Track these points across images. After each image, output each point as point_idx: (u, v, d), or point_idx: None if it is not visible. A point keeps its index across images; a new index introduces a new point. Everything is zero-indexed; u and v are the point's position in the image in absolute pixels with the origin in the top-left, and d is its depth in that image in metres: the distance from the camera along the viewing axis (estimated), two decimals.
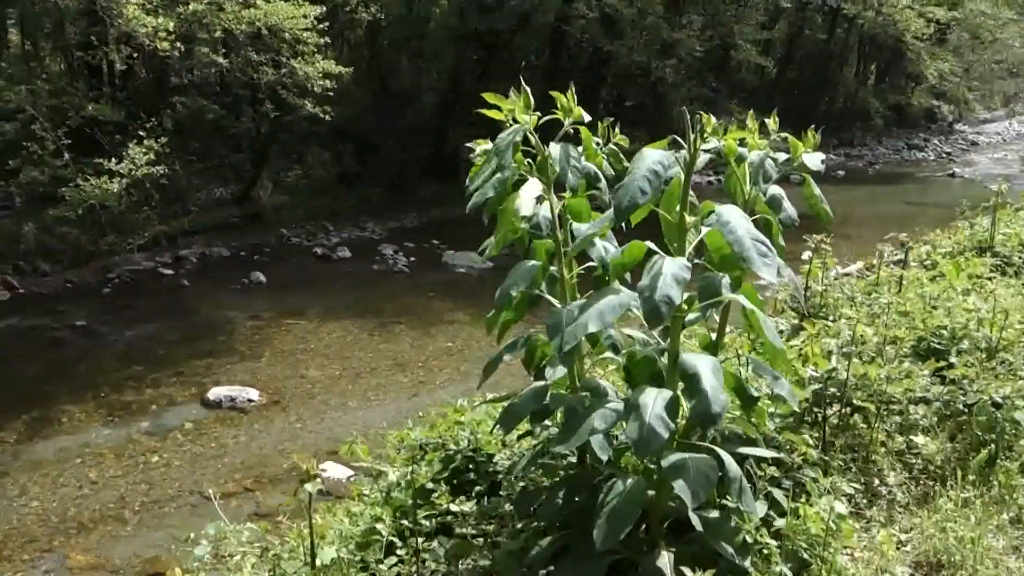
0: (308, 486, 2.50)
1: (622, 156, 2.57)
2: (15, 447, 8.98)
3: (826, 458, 3.62)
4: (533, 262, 2.46)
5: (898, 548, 3.33)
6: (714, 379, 2.06)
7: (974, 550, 3.29)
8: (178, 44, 11.56)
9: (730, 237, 2.18)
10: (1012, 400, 4.02)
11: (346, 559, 2.79)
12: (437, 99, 22.76)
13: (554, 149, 2.30)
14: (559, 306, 2.52)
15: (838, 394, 3.94)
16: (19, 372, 11.11)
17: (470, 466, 3.31)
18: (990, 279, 6.52)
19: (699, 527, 1.99)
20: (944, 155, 34.77)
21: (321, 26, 13.74)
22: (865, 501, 3.75)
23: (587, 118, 2.62)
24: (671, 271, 2.01)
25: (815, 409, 3.92)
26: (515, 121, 2.51)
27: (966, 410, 4.18)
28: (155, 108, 15.76)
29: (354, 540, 2.99)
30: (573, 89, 2.75)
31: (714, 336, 2.92)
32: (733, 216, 2.25)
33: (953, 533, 3.37)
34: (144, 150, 11.29)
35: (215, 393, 10.15)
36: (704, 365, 2.12)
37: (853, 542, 3.16)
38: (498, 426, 2.85)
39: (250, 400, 10.09)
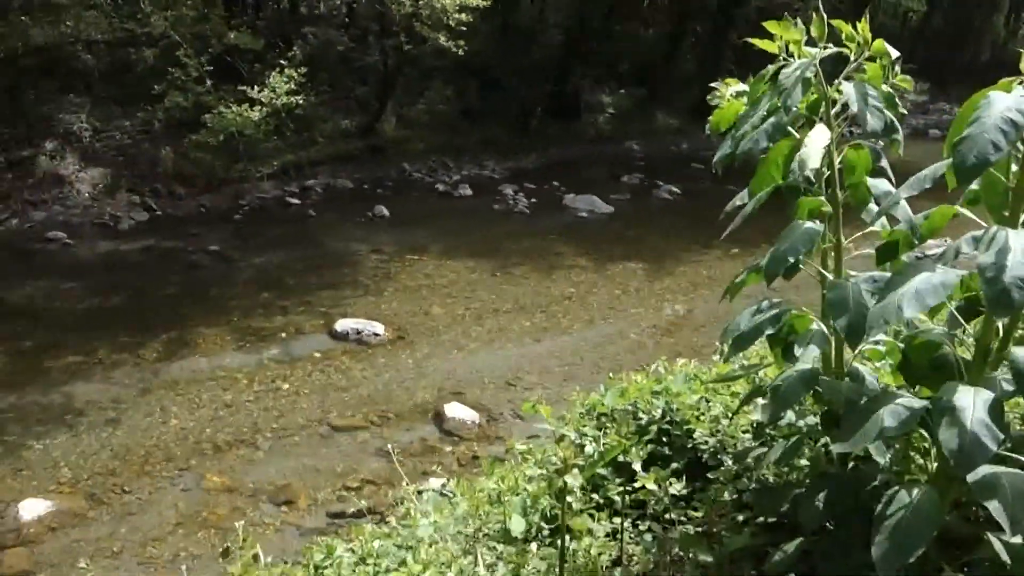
0: (569, 478, 2.19)
1: (898, 102, 2.20)
2: (155, 366, 9.30)
3: None
4: (810, 223, 2.16)
5: None
6: None
7: None
8: None
9: None
10: None
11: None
12: (562, 36, 22.21)
13: (848, 88, 1.97)
14: (831, 278, 2.22)
15: None
16: (157, 292, 11.50)
17: (664, 439, 3.09)
18: None
19: (1005, 557, 1.73)
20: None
21: None
22: None
23: (893, 52, 2.19)
24: (1022, 246, 1.66)
25: None
26: (789, 55, 2.15)
27: None
28: (289, 38, 15.85)
29: (540, 509, 2.82)
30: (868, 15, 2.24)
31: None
32: None
33: None
34: (285, 79, 11.32)
35: (342, 325, 10.25)
36: None
37: None
38: (756, 411, 2.58)
39: (376, 334, 10.16)
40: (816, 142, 2.00)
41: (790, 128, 2.16)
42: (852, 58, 2.05)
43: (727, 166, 2.38)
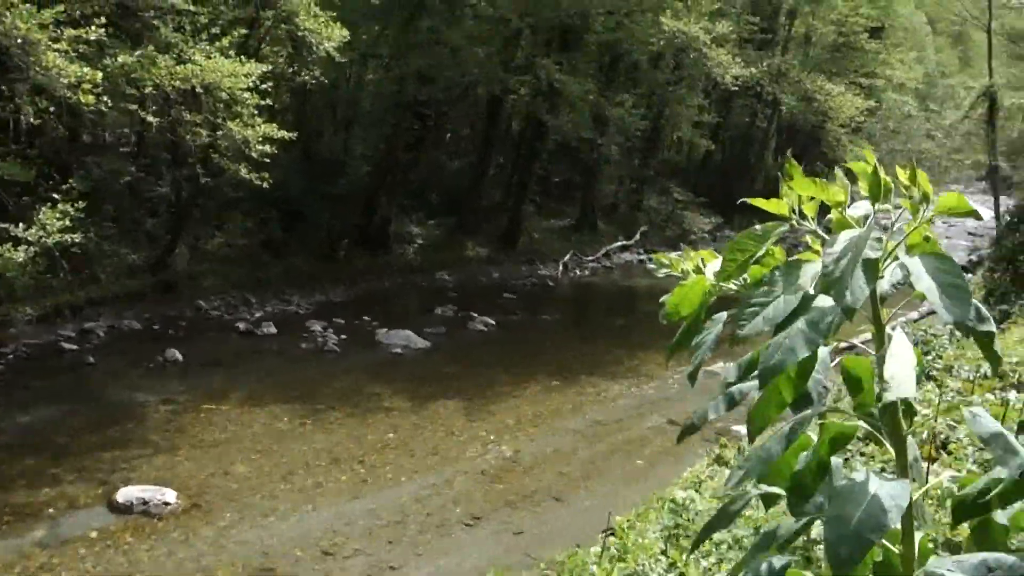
0: None
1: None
2: None
3: None
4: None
5: None
6: None
7: None
8: (104, 98, 10.42)
9: None
10: None
11: None
12: (369, 168, 21.92)
13: (915, 265, 1.31)
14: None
15: None
16: None
17: None
18: None
19: None
20: None
21: (264, 86, 12.79)
22: None
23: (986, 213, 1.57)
24: None
25: None
26: (803, 217, 1.49)
27: None
28: (67, 168, 14.43)
29: None
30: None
31: None
32: None
33: None
34: (58, 215, 10.03)
35: (125, 494, 8.82)
36: None
37: None
38: None
39: (166, 503, 8.81)
40: (904, 359, 1.42)
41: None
42: (913, 218, 1.48)
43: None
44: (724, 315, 1.67)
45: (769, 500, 1.86)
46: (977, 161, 33.22)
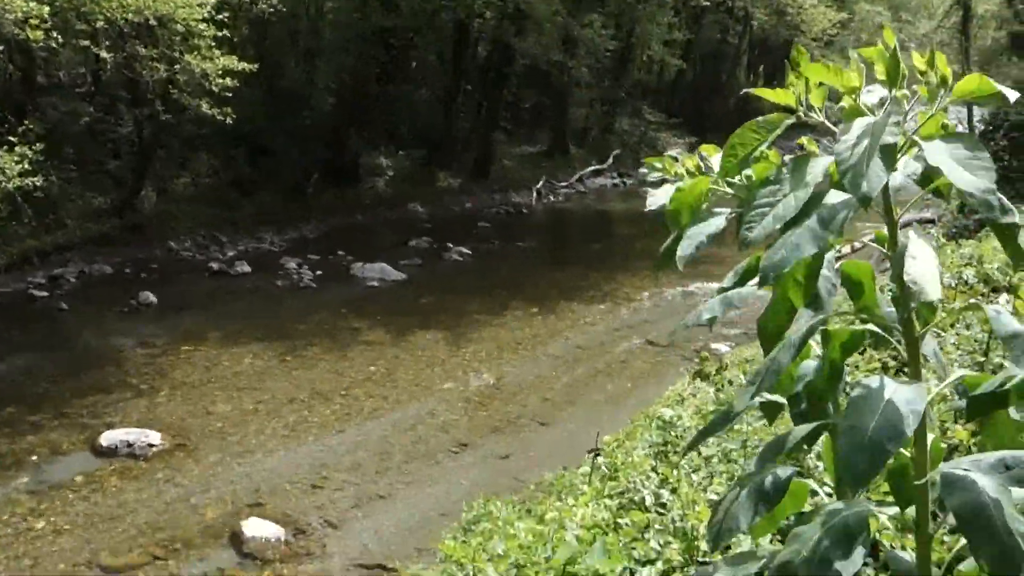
0: None
1: None
2: None
3: None
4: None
5: None
6: None
7: None
8: (55, 34, 10.01)
9: None
10: None
11: None
12: (335, 100, 21.45)
13: (937, 150, 1.25)
14: None
15: None
16: None
17: None
18: None
19: None
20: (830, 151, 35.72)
21: (220, 16, 12.33)
22: None
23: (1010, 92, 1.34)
24: None
25: None
26: (810, 108, 1.39)
27: None
28: (22, 110, 13.96)
29: None
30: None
31: None
32: None
33: None
34: (16, 158, 9.71)
35: (108, 438, 8.76)
36: None
37: None
38: None
39: (151, 444, 8.76)
40: (926, 260, 1.34)
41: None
42: (933, 103, 1.39)
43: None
44: (726, 211, 1.60)
45: (770, 409, 1.82)
46: (952, 71, 33.09)
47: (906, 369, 4.35)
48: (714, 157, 1.68)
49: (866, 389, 1.33)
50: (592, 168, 26.93)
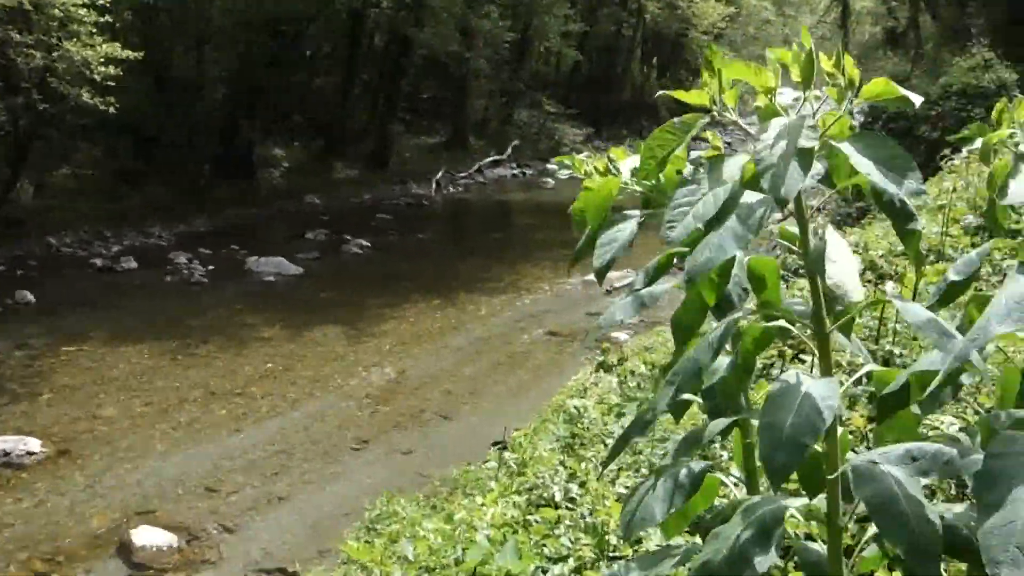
0: None
1: None
2: None
3: None
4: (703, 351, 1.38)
5: None
6: None
7: None
8: None
9: None
10: None
11: None
12: (227, 90, 20.76)
13: (852, 150, 1.22)
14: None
15: None
16: None
17: None
18: None
19: None
20: (726, 144, 36.82)
21: (101, 1, 11.70)
22: None
23: (915, 98, 1.29)
24: None
25: None
26: (724, 108, 1.33)
27: None
28: None
29: None
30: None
31: None
32: None
33: None
34: None
35: None
36: None
37: None
38: None
39: (30, 452, 8.28)
40: (847, 262, 1.32)
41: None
42: (841, 104, 1.36)
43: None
44: (637, 213, 1.57)
45: (680, 406, 1.81)
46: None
47: (802, 356, 4.44)
48: (625, 162, 1.66)
49: (783, 385, 1.32)
50: (491, 159, 26.94)
